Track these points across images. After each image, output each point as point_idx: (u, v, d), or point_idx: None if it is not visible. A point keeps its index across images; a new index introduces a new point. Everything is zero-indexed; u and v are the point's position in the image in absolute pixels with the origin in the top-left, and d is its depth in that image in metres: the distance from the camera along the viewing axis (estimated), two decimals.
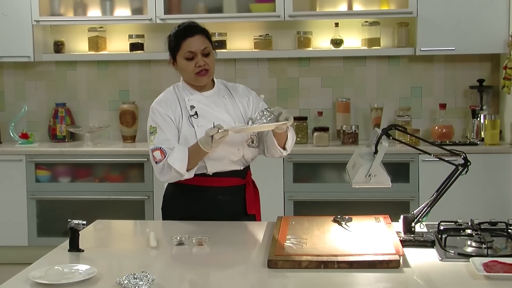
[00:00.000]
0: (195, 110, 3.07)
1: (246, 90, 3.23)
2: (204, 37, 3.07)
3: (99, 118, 5.68)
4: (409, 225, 2.66)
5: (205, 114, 3.06)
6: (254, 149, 3.15)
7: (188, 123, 3.05)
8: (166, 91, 3.19)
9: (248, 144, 3.10)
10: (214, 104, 3.11)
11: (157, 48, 5.56)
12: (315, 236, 2.63)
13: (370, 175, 2.58)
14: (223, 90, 3.18)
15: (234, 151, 3.06)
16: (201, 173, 3.06)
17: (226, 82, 3.25)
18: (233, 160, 3.08)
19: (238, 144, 3.07)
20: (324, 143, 5.14)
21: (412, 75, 5.48)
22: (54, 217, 5.24)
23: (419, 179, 4.94)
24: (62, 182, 5.29)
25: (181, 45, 3.07)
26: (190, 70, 3.07)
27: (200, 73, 3.06)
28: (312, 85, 5.54)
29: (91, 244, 2.67)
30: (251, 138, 3.11)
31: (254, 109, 3.15)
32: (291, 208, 5.03)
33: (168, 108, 3.08)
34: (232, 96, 3.17)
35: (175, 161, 2.94)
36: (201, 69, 3.05)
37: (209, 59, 3.06)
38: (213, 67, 3.10)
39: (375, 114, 5.35)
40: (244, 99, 3.17)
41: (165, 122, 3.04)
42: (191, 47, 3.04)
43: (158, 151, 2.99)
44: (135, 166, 5.23)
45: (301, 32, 5.40)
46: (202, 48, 3.04)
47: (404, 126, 2.79)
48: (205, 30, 3.11)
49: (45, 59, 5.55)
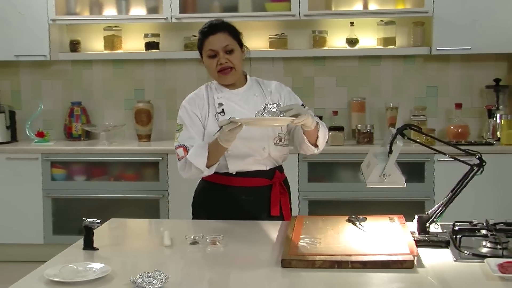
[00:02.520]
0: (223, 107, 3.05)
1: (278, 86, 3.17)
2: (227, 34, 3.04)
3: (114, 117, 5.70)
4: (424, 225, 2.65)
5: (232, 112, 3.03)
6: (283, 147, 3.09)
7: (214, 120, 3.03)
8: (198, 89, 3.17)
9: (275, 143, 3.06)
10: (244, 101, 3.08)
11: (173, 47, 5.58)
12: (329, 236, 2.63)
13: (385, 175, 2.57)
14: (256, 88, 3.14)
15: (259, 149, 3.03)
16: (225, 172, 3.05)
17: (260, 79, 3.21)
18: (258, 159, 3.04)
19: (263, 142, 3.03)
20: (339, 143, 5.13)
21: (428, 75, 5.46)
22: (69, 216, 5.27)
23: (434, 179, 4.92)
24: (77, 181, 5.31)
25: (204, 43, 3.05)
26: (213, 68, 3.05)
27: (223, 71, 3.03)
28: (327, 85, 5.53)
29: (105, 242, 2.68)
30: (278, 136, 3.06)
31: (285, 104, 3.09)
32: (305, 207, 5.03)
33: (195, 106, 3.06)
34: (264, 93, 3.13)
35: (194, 158, 2.93)
36: (223, 67, 3.02)
37: (233, 57, 3.03)
38: (239, 65, 3.06)
39: (390, 114, 5.34)
40: (275, 96, 3.12)
41: (191, 119, 3.04)
42: (212, 45, 3.02)
43: (181, 148, 3.00)
44: (150, 165, 5.24)
45: (316, 31, 5.40)
46: (223, 46, 3.02)
47: (419, 126, 2.78)
48: (229, 27, 3.08)
49: (61, 58, 5.58)
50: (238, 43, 3.08)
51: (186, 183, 3.42)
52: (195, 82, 5.50)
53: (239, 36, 3.10)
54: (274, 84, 3.18)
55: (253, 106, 3.05)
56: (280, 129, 3.08)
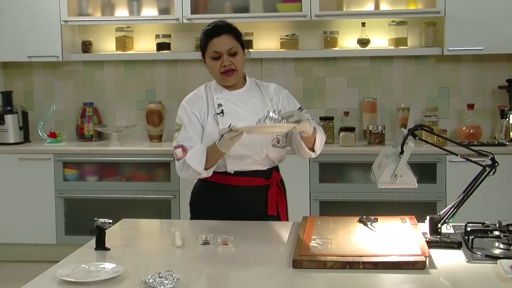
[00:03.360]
0: (222, 108, 3.08)
1: (277, 89, 3.20)
2: (232, 37, 3.05)
3: (126, 118, 5.72)
4: (436, 226, 2.64)
5: (232, 113, 3.06)
6: (280, 149, 3.13)
7: (213, 120, 3.06)
8: (197, 89, 3.20)
9: (273, 144, 3.09)
10: (243, 103, 3.11)
11: (184, 47, 5.59)
12: (341, 237, 2.62)
13: (396, 176, 2.57)
14: (254, 89, 3.16)
15: (257, 150, 3.06)
16: (223, 171, 3.07)
17: (259, 81, 3.23)
18: (256, 159, 3.07)
19: (262, 144, 3.06)
20: (350, 143, 5.12)
21: (440, 75, 5.44)
22: (81, 216, 5.29)
23: (446, 180, 4.90)
24: (89, 181, 5.33)
25: (208, 45, 3.06)
26: (215, 70, 3.07)
27: (226, 73, 3.06)
28: (338, 85, 5.53)
29: (117, 243, 2.68)
30: (276, 138, 3.10)
31: (284, 108, 3.13)
32: (317, 208, 5.02)
33: (194, 106, 3.09)
34: (262, 95, 3.15)
35: (192, 160, 2.96)
36: (226, 69, 3.05)
37: (236, 59, 3.05)
38: (241, 67, 3.08)
39: (402, 114, 5.32)
40: (274, 99, 3.14)
41: (190, 120, 3.06)
42: (216, 47, 3.03)
43: (180, 148, 3.03)
44: (161, 166, 5.26)
45: (327, 32, 5.39)
46: (227, 48, 3.03)
47: (431, 127, 2.77)
48: (233, 29, 3.09)
49: (73, 59, 5.60)
50: (241, 45, 3.09)
51: None
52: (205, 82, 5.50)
53: (241, 38, 3.12)
54: (272, 87, 3.20)
55: (252, 107, 3.09)
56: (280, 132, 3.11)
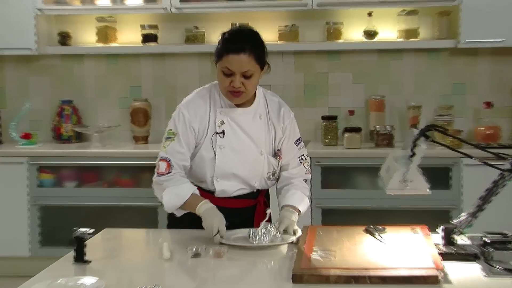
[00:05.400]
0: (223, 128, 3.05)
1: (286, 114, 3.16)
2: (252, 58, 2.91)
3: (108, 117, 5.72)
4: (450, 237, 2.65)
5: (233, 136, 3.06)
6: (272, 181, 3.20)
7: (210, 142, 3.05)
8: (199, 92, 3.13)
9: (267, 177, 3.14)
10: (247, 123, 3.08)
11: (173, 39, 5.59)
12: (345, 248, 2.63)
13: (406, 181, 2.57)
14: (262, 107, 3.13)
15: (249, 183, 3.11)
16: (209, 190, 3.09)
17: (268, 94, 3.19)
18: (246, 189, 3.13)
19: (255, 178, 3.11)
20: (356, 145, 5.13)
21: (454, 70, 5.45)
22: (58, 225, 5.28)
23: (462, 186, 4.91)
24: (67, 187, 5.33)
25: (223, 57, 2.94)
26: (224, 85, 2.98)
27: (233, 93, 2.98)
28: (342, 81, 5.54)
29: (98, 255, 2.68)
30: (272, 171, 3.15)
31: (282, 142, 3.15)
32: (318, 216, 5.03)
33: (195, 117, 3.05)
34: (268, 115, 3.14)
35: (167, 200, 3.03)
36: (234, 90, 2.96)
37: (249, 82, 2.95)
38: (252, 90, 3.01)
39: (413, 113, 5.34)
40: (278, 126, 3.14)
41: (186, 132, 3.04)
42: (231, 65, 2.92)
43: (165, 162, 3.04)
44: (147, 170, 5.24)
45: (330, 23, 5.40)
46: (242, 70, 2.92)
47: (445, 127, 2.78)
48: (256, 50, 2.95)
49: (50, 52, 5.60)
50: (261, 65, 2.99)
51: None
52: (197, 79, 5.52)
53: (264, 57, 3.00)
54: (282, 111, 3.15)
55: (256, 130, 3.09)
56: (277, 165, 3.15)
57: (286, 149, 3.17)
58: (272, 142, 3.15)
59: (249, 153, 3.07)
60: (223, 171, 3.05)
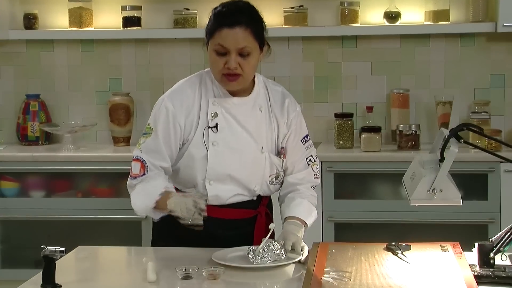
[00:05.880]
0: (217, 121, 3.05)
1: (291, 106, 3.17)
2: (249, 32, 2.95)
3: (83, 115, 5.72)
4: (487, 256, 2.65)
5: (228, 130, 3.05)
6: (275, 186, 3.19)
7: (201, 138, 3.05)
8: (188, 80, 3.15)
9: (269, 181, 3.14)
10: (245, 115, 3.08)
11: (158, 23, 5.59)
12: (362, 269, 2.63)
13: (435, 190, 2.58)
14: (262, 98, 3.14)
15: (249, 187, 3.11)
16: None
17: (269, 83, 3.20)
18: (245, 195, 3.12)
19: (256, 181, 3.11)
20: (375, 148, 5.13)
21: (492, 59, 5.45)
22: (23, 243, 5.28)
23: (501, 196, 4.91)
24: (34, 197, 5.33)
25: (215, 33, 2.97)
26: (217, 68, 3.00)
27: (229, 77, 3.00)
28: (359, 72, 5.54)
29: (71, 277, 2.69)
30: (275, 174, 3.14)
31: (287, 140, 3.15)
32: (331, 231, 5.03)
33: (181, 111, 3.05)
34: (270, 107, 3.15)
35: (136, 202, 3.06)
36: (230, 73, 2.97)
37: (246, 62, 2.97)
38: (250, 72, 3.02)
39: (442, 110, 5.34)
40: (282, 119, 3.15)
41: (168, 128, 3.05)
42: (224, 40, 2.95)
43: (138, 163, 3.06)
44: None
45: (345, 3, 5.40)
46: (239, 46, 2.94)
47: (481, 126, 2.79)
48: (254, 22, 2.99)
49: (12, 37, 5.60)
50: (260, 43, 3.02)
51: None
52: (187, 69, 5.51)
53: (263, 33, 3.04)
54: (287, 102, 3.16)
55: (255, 124, 3.09)
56: (281, 165, 3.15)
57: (291, 148, 3.16)
58: (275, 138, 3.14)
59: (247, 151, 3.06)
60: (216, 172, 3.04)
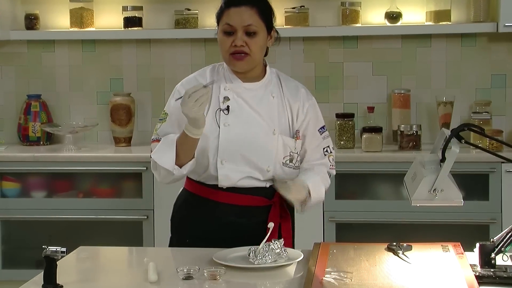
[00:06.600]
0: (228, 104, 3.10)
1: (306, 94, 3.21)
2: (255, 11, 3.07)
3: (84, 115, 5.72)
4: (488, 257, 2.65)
5: (239, 112, 3.09)
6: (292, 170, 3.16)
7: (214, 118, 3.08)
8: (202, 70, 3.23)
9: (283, 163, 3.13)
10: (256, 101, 3.13)
11: (160, 23, 5.59)
12: (364, 269, 2.63)
13: (436, 190, 2.58)
14: (274, 85, 3.19)
15: (261, 168, 3.10)
16: (213, 183, 3.09)
17: (283, 75, 3.26)
18: (257, 177, 3.11)
19: (269, 161, 3.09)
20: (376, 148, 5.13)
21: (493, 59, 5.44)
22: (24, 243, 5.28)
23: (502, 196, 4.91)
24: (35, 198, 5.32)
25: (223, 14, 3.10)
26: (225, 48, 3.09)
27: (235, 55, 3.07)
28: (360, 73, 5.54)
29: (72, 277, 2.69)
30: (290, 155, 3.13)
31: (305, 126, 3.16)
32: (332, 232, 5.03)
33: None
34: (283, 94, 3.18)
35: (159, 156, 3.01)
36: (237, 50, 3.06)
37: (253, 41, 3.06)
38: (258, 52, 3.09)
39: (443, 111, 5.33)
40: (295, 104, 3.17)
41: (180, 111, 3.07)
42: (231, 19, 3.07)
43: (156, 143, 3.09)
44: (130, 177, 5.26)
45: (346, 3, 5.40)
46: (244, 24, 3.06)
47: (482, 126, 2.78)
48: (260, 2, 3.11)
49: (13, 38, 5.59)
50: (267, 25, 3.11)
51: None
52: (188, 69, 5.50)
53: (270, 16, 3.13)
54: (302, 90, 3.21)
55: (267, 109, 3.12)
56: (294, 147, 3.14)
57: (308, 135, 3.18)
58: (289, 122, 3.15)
59: (259, 132, 3.08)
60: (228, 150, 3.06)
